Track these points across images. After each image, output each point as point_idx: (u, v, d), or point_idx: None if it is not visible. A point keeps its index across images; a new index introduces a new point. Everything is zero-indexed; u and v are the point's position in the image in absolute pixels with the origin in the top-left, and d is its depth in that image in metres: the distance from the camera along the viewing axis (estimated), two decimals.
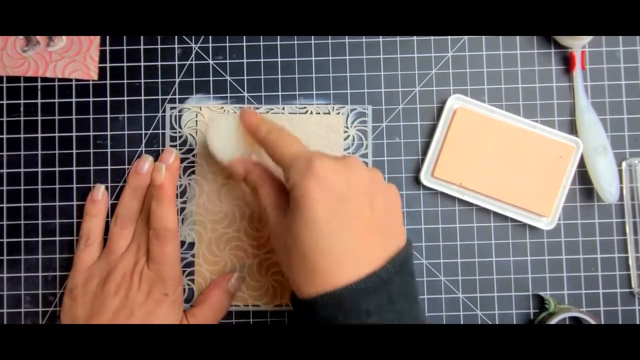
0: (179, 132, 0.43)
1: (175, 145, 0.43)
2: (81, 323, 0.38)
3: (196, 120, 0.43)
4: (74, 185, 0.43)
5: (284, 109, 0.43)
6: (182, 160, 0.43)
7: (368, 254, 0.32)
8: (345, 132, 0.43)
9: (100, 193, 0.42)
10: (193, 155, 0.43)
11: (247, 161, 0.39)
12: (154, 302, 0.38)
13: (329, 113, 0.43)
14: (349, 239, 0.32)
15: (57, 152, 0.43)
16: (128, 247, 0.40)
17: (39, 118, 0.43)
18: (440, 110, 0.43)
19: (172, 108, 0.43)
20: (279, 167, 0.36)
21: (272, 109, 0.43)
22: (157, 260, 0.39)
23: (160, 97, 0.43)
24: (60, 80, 0.43)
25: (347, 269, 0.31)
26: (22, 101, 0.43)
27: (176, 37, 0.44)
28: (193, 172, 0.43)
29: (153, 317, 0.38)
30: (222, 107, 0.43)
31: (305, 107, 0.43)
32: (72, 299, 0.39)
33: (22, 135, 0.43)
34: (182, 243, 0.42)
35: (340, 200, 0.32)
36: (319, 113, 0.43)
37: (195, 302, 0.42)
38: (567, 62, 0.43)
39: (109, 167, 0.43)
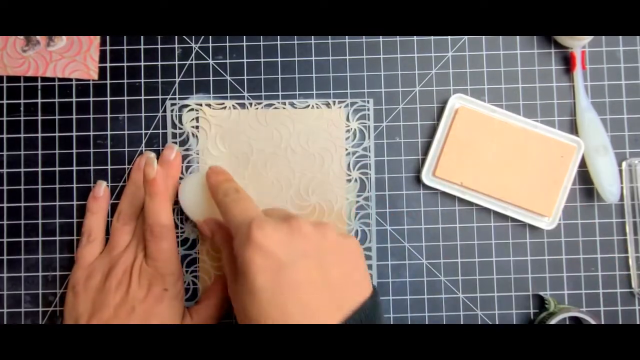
0: (180, 128, 0.43)
1: (176, 143, 0.43)
2: (84, 319, 0.38)
3: (197, 117, 0.43)
4: (74, 185, 0.43)
5: (285, 104, 0.43)
6: (184, 157, 0.43)
7: (317, 318, 0.31)
8: (347, 126, 0.43)
9: (101, 190, 0.42)
10: (197, 153, 0.43)
11: (212, 222, 0.40)
12: (154, 297, 0.38)
13: (330, 107, 0.43)
14: (294, 304, 0.31)
15: (57, 151, 0.43)
16: (129, 243, 0.41)
17: (39, 118, 0.43)
18: (440, 110, 0.43)
19: (172, 105, 0.43)
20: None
21: (274, 104, 0.43)
22: (154, 257, 0.39)
23: (160, 96, 0.43)
24: (60, 80, 0.43)
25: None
26: (22, 101, 0.43)
27: (176, 37, 0.44)
28: (195, 170, 0.43)
29: (154, 312, 0.38)
30: (223, 103, 0.43)
31: (306, 102, 0.43)
32: (75, 295, 0.39)
33: (22, 135, 0.43)
34: (186, 240, 0.43)
35: (282, 266, 0.31)
36: (320, 107, 0.43)
37: (199, 298, 0.42)
38: (567, 62, 0.43)
39: (109, 167, 0.43)
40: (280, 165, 0.43)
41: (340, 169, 0.43)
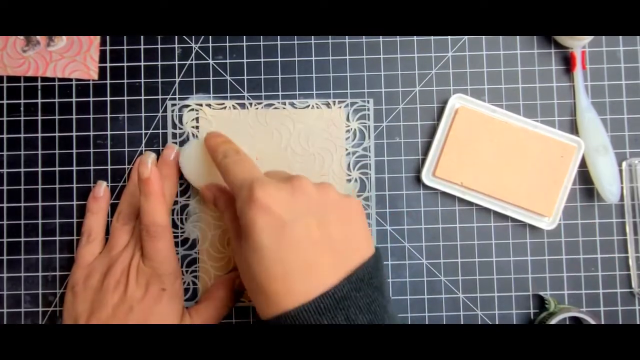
0: (180, 128, 0.43)
1: (176, 143, 0.43)
2: (82, 319, 0.38)
3: (197, 117, 0.43)
4: (74, 185, 0.43)
5: (285, 104, 0.43)
6: None
7: (319, 274, 0.31)
8: (347, 126, 0.43)
9: (102, 190, 0.42)
10: None
11: (214, 187, 0.40)
12: (152, 297, 0.38)
13: (330, 107, 0.43)
14: (296, 261, 0.31)
15: (57, 151, 0.43)
16: (128, 243, 0.41)
17: (39, 118, 0.43)
18: (440, 110, 0.43)
19: (172, 105, 0.43)
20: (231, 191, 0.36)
21: (274, 105, 0.43)
22: (151, 257, 0.38)
23: (160, 96, 0.43)
24: (60, 80, 0.43)
25: (297, 291, 0.31)
26: (22, 101, 0.43)
27: (176, 37, 0.44)
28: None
29: (152, 312, 0.38)
30: (223, 104, 0.43)
31: (306, 102, 0.43)
32: (74, 295, 0.39)
33: (22, 135, 0.43)
34: (186, 240, 0.43)
35: (285, 224, 0.32)
36: (320, 107, 0.43)
37: (200, 299, 0.42)
38: (567, 62, 0.43)
39: (109, 167, 0.43)
40: (280, 165, 0.43)
41: (340, 169, 0.43)
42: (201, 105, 0.43)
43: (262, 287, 0.32)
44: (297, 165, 0.43)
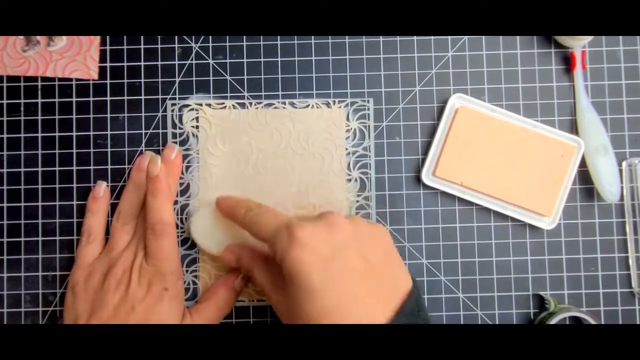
0: (180, 128, 0.43)
1: (176, 142, 0.43)
2: (83, 319, 0.38)
3: (197, 117, 0.43)
4: (74, 185, 0.43)
5: (285, 104, 0.43)
6: (184, 157, 0.43)
7: (370, 307, 0.32)
8: (347, 125, 0.43)
9: (101, 190, 0.42)
10: (197, 153, 0.43)
11: (234, 248, 0.40)
12: (154, 297, 0.38)
13: (330, 107, 0.43)
14: (347, 294, 0.32)
15: (57, 151, 0.43)
16: (129, 243, 0.41)
17: (39, 118, 0.43)
18: (440, 109, 0.43)
19: (172, 105, 0.43)
20: (264, 242, 0.36)
21: (274, 104, 0.43)
22: (155, 255, 0.39)
23: (160, 96, 0.43)
24: (60, 79, 0.43)
25: (356, 321, 0.31)
26: (22, 101, 0.43)
27: (176, 37, 0.44)
28: (195, 169, 0.43)
29: (153, 312, 0.38)
30: (223, 103, 0.43)
31: (306, 102, 0.43)
32: (74, 295, 0.39)
33: (22, 135, 0.43)
34: (186, 240, 0.43)
35: (327, 260, 0.32)
36: (320, 107, 0.43)
37: (200, 298, 0.42)
38: (567, 61, 0.43)
39: (109, 167, 0.43)
40: (280, 165, 0.43)
41: (340, 168, 0.43)
42: (201, 104, 0.43)
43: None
44: (297, 165, 0.43)
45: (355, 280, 0.32)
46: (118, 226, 0.41)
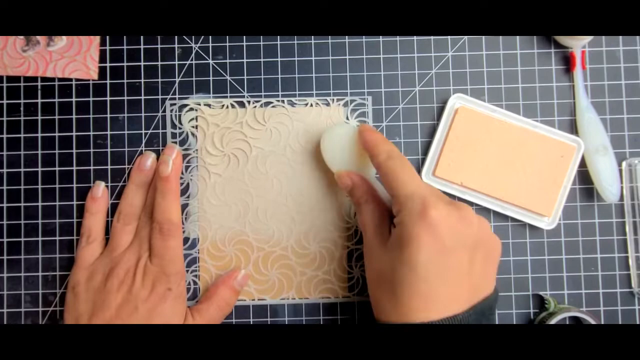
0: (179, 128, 0.43)
1: (176, 142, 0.43)
2: (84, 319, 0.38)
3: (196, 117, 0.43)
4: (74, 185, 0.43)
5: (284, 102, 0.43)
6: (184, 157, 0.43)
7: (453, 302, 0.33)
8: (346, 123, 0.43)
9: (100, 190, 0.42)
10: (196, 152, 0.43)
11: (354, 175, 0.39)
12: (157, 297, 0.38)
13: (329, 105, 0.43)
14: (442, 287, 0.33)
15: (57, 151, 0.43)
16: (131, 243, 0.41)
17: (39, 118, 0.43)
18: (440, 109, 0.43)
19: (172, 105, 0.43)
20: (390, 195, 0.36)
21: (272, 103, 0.43)
22: (160, 255, 0.39)
23: (160, 96, 0.43)
24: (60, 80, 0.43)
25: (429, 310, 0.32)
26: (22, 101, 0.43)
27: (176, 37, 0.44)
28: (195, 169, 0.43)
29: (157, 312, 0.38)
30: (222, 102, 0.43)
31: (305, 100, 0.43)
32: (75, 295, 0.39)
33: (22, 135, 0.43)
34: (186, 239, 0.43)
35: (443, 251, 0.33)
36: (319, 105, 0.43)
37: (201, 298, 0.42)
38: (567, 61, 0.43)
39: (109, 167, 0.43)
40: (279, 164, 0.43)
41: None
42: (200, 104, 0.43)
43: (399, 297, 0.33)
44: (296, 163, 0.43)
45: (457, 278, 0.33)
46: (119, 226, 0.41)
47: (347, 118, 0.43)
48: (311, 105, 0.43)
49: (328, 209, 0.43)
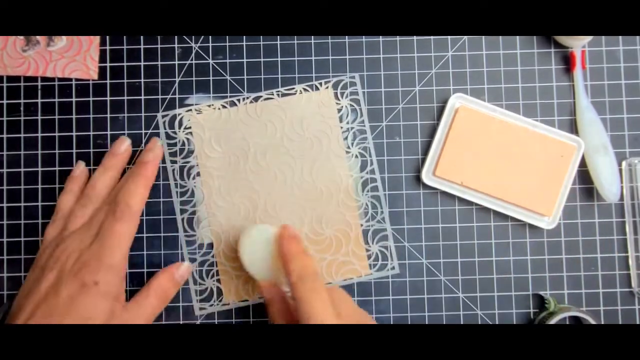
0: (175, 138, 0.43)
1: (176, 151, 0.43)
2: (23, 296, 0.37)
3: (189, 125, 0.43)
4: None
5: (273, 93, 0.43)
6: (183, 166, 0.43)
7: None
8: (338, 104, 0.43)
9: (78, 170, 0.42)
10: (194, 158, 0.43)
11: (273, 291, 0.39)
12: (80, 285, 0.36)
13: (319, 89, 0.43)
14: None
15: (57, 151, 0.43)
16: (82, 226, 0.39)
17: (39, 118, 0.43)
18: (440, 109, 0.43)
19: (163, 117, 0.43)
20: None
21: (262, 96, 0.43)
22: (103, 237, 0.37)
23: (160, 96, 0.43)
24: (60, 79, 0.43)
25: None
26: (22, 101, 0.43)
27: (176, 37, 0.44)
28: (197, 175, 0.43)
29: (75, 302, 0.35)
30: (212, 105, 0.43)
31: (293, 88, 0.43)
32: (31, 270, 0.39)
33: (22, 135, 0.43)
34: (201, 245, 0.43)
35: None
36: (308, 91, 0.43)
37: (140, 290, 0.40)
38: (567, 61, 0.43)
39: None
40: (279, 155, 0.43)
41: (339, 147, 0.43)
42: (190, 111, 0.43)
43: None
44: (295, 152, 0.43)
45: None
46: (77, 207, 0.40)
47: (337, 97, 0.43)
48: (300, 92, 0.43)
49: (335, 192, 0.43)
